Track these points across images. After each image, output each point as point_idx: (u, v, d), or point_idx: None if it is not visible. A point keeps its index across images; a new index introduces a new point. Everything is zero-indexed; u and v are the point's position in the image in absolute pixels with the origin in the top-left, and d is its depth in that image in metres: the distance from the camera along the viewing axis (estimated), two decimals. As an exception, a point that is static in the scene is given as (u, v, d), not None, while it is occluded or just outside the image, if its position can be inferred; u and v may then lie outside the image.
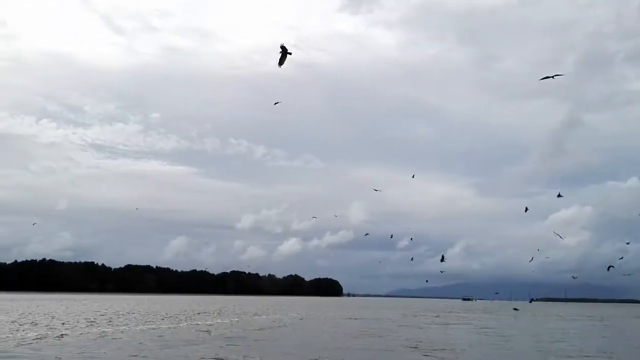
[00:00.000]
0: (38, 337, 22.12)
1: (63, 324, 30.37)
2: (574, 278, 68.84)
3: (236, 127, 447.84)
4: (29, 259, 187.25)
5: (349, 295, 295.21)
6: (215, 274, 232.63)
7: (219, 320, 36.92)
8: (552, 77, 22.61)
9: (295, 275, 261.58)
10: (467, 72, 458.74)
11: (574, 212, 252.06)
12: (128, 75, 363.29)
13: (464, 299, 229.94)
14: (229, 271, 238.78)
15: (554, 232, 42.17)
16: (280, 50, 21.16)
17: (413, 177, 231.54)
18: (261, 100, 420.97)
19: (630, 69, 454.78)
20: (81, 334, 24.24)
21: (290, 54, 21.38)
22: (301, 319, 42.87)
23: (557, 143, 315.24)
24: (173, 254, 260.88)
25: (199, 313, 46.92)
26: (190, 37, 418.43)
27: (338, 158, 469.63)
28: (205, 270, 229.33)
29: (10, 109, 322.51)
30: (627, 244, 44.14)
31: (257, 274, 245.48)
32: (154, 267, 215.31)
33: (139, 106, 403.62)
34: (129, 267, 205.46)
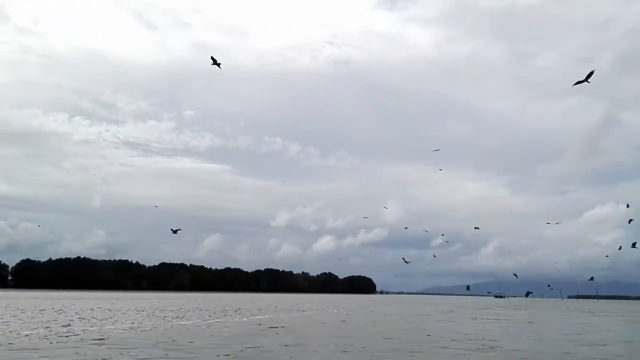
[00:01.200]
0: (156, 325, 25.14)
1: (164, 316, 33.45)
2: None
3: (270, 125, 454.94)
4: (63, 257, 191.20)
5: (382, 292, 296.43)
6: (249, 271, 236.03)
7: (276, 315, 39.65)
8: (585, 80, 22.24)
9: (329, 272, 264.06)
10: (502, 69, 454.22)
11: (609, 211, 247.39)
12: (161, 71, 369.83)
13: (496, 296, 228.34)
14: (262, 269, 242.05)
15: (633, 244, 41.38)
16: (212, 61, 22.93)
17: (440, 170, 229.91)
18: (295, 98, 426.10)
19: None
20: (186, 324, 27.20)
21: (219, 65, 22.99)
22: (347, 314, 45.55)
23: (592, 141, 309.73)
24: (207, 252, 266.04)
25: (259, 309, 49.36)
26: (223, 34, 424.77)
27: (372, 156, 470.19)
28: (239, 268, 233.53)
29: (44, 107, 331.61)
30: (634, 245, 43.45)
31: (290, 272, 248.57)
32: (188, 265, 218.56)
33: (172, 103, 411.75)
34: (163, 265, 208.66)
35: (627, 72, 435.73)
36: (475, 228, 58.55)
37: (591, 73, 22.49)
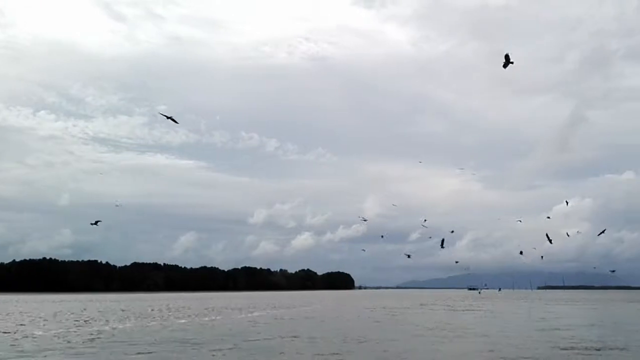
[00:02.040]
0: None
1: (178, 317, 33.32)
2: (612, 272, 70.49)
3: (247, 121, 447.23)
4: (27, 258, 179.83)
5: (360, 288, 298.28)
6: (226, 270, 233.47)
7: (270, 311, 40.68)
8: (510, 63, 22.92)
9: (308, 269, 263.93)
10: (477, 67, 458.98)
11: (575, 204, 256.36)
12: (132, 65, 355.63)
13: (470, 289, 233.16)
14: (240, 267, 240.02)
15: (546, 234, 44.63)
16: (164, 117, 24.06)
17: (420, 162, 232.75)
18: (272, 93, 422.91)
19: (629, 66, 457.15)
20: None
21: (174, 120, 24.15)
22: (330, 309, 46.67)
23: (561, 138, 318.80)
24: (181, 251, 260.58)
25: (252, 307, 50.19)
26: (197, 27, 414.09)
27: (350, 152, 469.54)
28: (215, 267, 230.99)
29: (6, 100, 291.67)
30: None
31: (268, 269, 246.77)
32: (162, 264, 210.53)
33: (144, 98, 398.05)
34: (134, 265, 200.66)
35: (594, 72, 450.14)
36: (451, 232, 59.57)
37: (507, 56, 23.49)
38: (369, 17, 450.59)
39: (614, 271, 68.60)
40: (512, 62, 23.51)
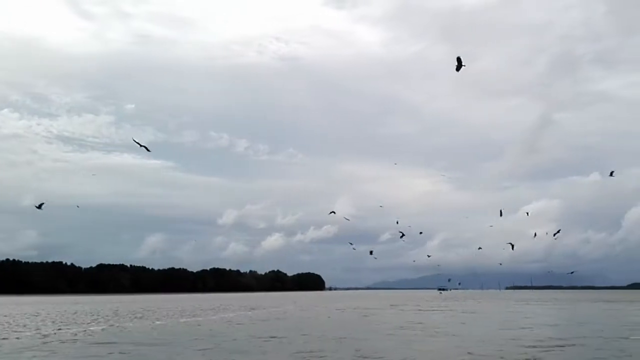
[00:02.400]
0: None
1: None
2: (571, 273, 73.08)
3: (216, 120, 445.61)
4: None
5: (330, 289, 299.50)
6: (194, 271, 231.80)
7: (244, 312, 40.73)
8: (462, 66, 23.71)
9: (278, 270, 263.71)
10: (448, 70, 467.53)
11: (543, 205, 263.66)
12: (99, 63, 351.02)
13: (439, 289, 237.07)
14: (208, 268, 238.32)
15: (510, 243, 46.35)
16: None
17: (395, 164, 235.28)
18: (242, 93, 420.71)
19: (595, 70, 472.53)
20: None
21: (147, 149, 23.93)
22: (302, 310, 46.94)
23: (530, 140, 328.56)
24: (149, 252, 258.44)
25: (224, 308, 50.20)
26: (166, 25, 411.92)
27: (321, 153, 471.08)
28: (183, 268, 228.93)
29: None
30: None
31: (238, 271, 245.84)
32: (128, 265, 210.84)
33: (111, 96, 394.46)
34: (101, 267, 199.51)
35: (562, 76, 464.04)
36: (420, 233, 61.09)
37: (459, 59, 24.18)
38: (340, 17, 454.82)
39: (572, 272, 71.31)
40: (464, 65, 24.24)
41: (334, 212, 43.02)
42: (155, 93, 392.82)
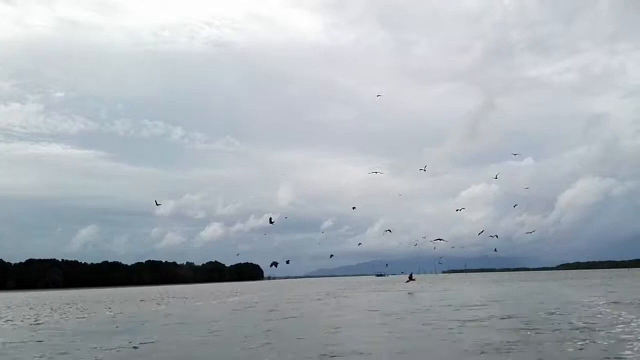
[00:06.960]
0: None
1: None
2: (495, 251, 76.60)
3: (150, 109, 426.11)
4: None
5: (269, 278, 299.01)
6: (129, 264, 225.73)
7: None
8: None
9: (216, 261, 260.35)
10: (385, 56, 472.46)
11: (481, 190, 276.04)
12: (24, 50, 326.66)
13: (378, 275, 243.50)
14: (144, 261, 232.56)
15: (439, 239, 48.93)
16: None
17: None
18: (175, 80, 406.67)
19: (529, 57, 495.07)
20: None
21: None
22: (250, 300, 46.45)
23: (468, 126, 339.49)
24: (81, 245, 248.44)
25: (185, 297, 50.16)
26: (92, 10, 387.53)
27: (260, 141, 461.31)
28: (117, 262, 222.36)
29: None
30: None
31: (174, 262, 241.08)
32: (60, 260, 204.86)
33: (39, 84, 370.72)
34: (30, 262, 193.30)
35: (497, 62, 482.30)
36: (353, 208, 62.91)
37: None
38: (276, 3, 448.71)
39: (495, 250, 75.43)
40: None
41: (272, 222, 41.69)
42: (85, 81, 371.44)
